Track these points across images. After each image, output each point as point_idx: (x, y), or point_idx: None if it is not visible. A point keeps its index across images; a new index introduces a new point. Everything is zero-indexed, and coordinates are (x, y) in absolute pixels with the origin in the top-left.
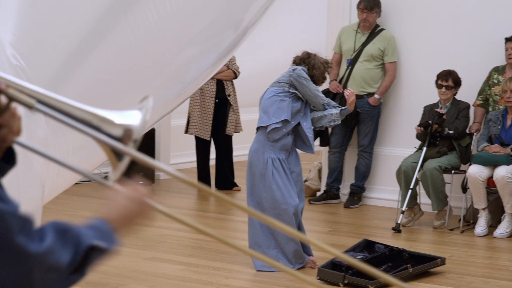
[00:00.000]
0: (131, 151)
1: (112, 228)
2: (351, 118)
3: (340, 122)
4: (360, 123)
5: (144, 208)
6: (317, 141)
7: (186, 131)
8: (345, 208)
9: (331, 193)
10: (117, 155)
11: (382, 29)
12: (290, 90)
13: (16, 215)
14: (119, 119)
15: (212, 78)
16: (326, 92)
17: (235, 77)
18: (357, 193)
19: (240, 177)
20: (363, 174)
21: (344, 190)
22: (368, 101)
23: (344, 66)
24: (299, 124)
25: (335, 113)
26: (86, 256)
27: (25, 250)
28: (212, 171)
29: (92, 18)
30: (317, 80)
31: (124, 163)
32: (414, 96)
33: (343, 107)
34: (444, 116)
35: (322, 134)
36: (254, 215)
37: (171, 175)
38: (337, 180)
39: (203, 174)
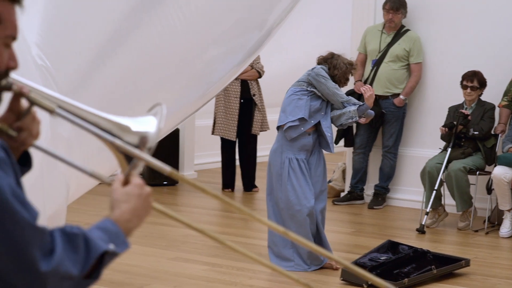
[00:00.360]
0: (149, 158)
1: (121, 229)
2: (376, 119)
3: (358, 119)
4: (385, 124)
5: (148, 204)
6: (342, 142)
7: (213, 132)
8: (369, 209)
9: (355, 194)
10: (130, 162)
11: (408, 30)
12: (308, 89)
13: (36, 228)
14: (135, 126)
15: (236, 79)
16: (352, 93)
17: (260, 77)
18: (381, 194)
19: (263, 177)
20: (388, 175)
21: (368, 191)
22: (393, 102)
23: (369, 66)
24: (320, 123)
25: (353, 110)
26: (99, 261)
27: (36, 267)
28: (237, 172)
29: (117, 17)
30: (339, 80)
31: (136, 171)
32: (439, 97)
33: (361, 103)
34: (469, 117)
35: (346, 135)
36: (272, 227)
37: (189, 184)
38: (361, 180)
39: (228, 175)
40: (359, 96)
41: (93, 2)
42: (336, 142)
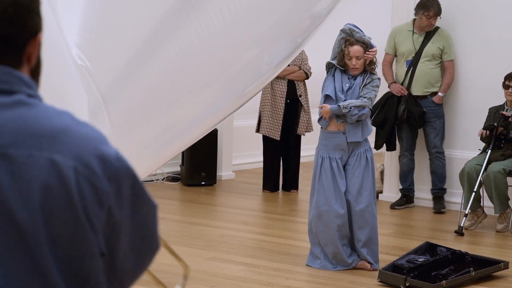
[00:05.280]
0: None
1: None
2: (419, 120)
3: (352, 112)
4: (428, 123)
5: None
6: (385, 146)
7: (257, 130)
8: (435, 213)
9: (410, 197)
10: None
11: (438, 28)
12: (329, 65)
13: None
14: None
15: (283, 79)
16: (390, 96)
17: (307, 78)
18: (441, 196)
19: (305, 178)
20: (442, 175)
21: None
22: (432, 100)
23: (403, 67)
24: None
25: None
26: None
27: (158, 245)
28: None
29: (156, 18)
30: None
31: None
32: (476, 98)
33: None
34: (510, 119)
35: (389, 139)
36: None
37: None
38: (412, 183)
39: (271, 175)
40: (399, 99)
41: (133, 3)
42: (378, 146)
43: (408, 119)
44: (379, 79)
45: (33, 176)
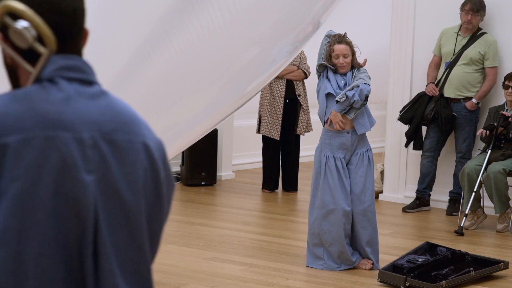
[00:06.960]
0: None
1: None
2: (446, 122)
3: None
4: (457, 128)
5: None
6: (411, 145)
7: (258, 131)
8: (447, 215)
9: (424, 200)
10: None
11: (484, 33)
12: (319, 70)
13: None
14: None
15: (282, 78)
16: (422, 95)
17: (306, 77)
18: (458, 201)
19: (304, 178)
20: None
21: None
22: (465, 106)
23: (442, 69)
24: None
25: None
26: None
27: (173, 179)
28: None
29: (155, 18)
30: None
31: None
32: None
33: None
34: (510, 119)
35: (415, 138)
36: None
37: None
38: (429, 186)
39: (270, 175)
40: (429, 98)
41: (132, 3)
42: (406, 144)
43: (434, 120)
44: (365, 69)
45: (134, 160)
